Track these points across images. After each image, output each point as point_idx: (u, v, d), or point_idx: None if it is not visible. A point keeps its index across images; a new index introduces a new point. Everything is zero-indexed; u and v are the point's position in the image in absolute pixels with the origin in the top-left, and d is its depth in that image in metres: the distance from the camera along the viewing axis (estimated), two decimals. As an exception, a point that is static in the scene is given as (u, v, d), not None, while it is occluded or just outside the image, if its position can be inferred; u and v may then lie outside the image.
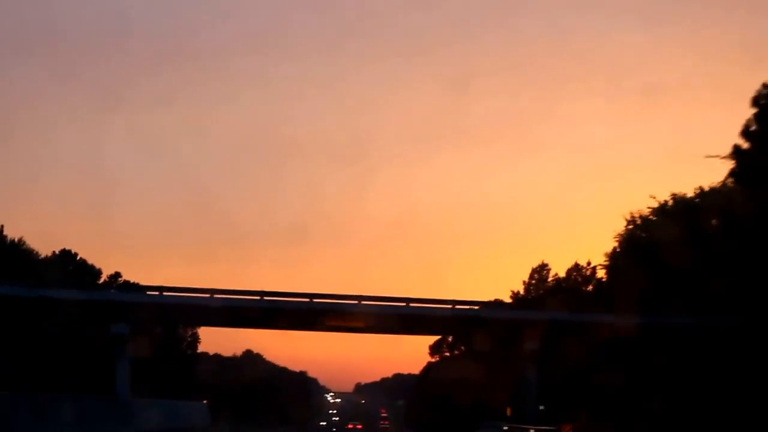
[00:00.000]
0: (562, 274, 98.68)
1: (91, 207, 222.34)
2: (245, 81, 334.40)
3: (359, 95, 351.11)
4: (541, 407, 61.23)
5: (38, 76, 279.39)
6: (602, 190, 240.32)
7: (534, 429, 40.97)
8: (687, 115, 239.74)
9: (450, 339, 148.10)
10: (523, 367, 66.18)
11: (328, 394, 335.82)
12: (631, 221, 72.53)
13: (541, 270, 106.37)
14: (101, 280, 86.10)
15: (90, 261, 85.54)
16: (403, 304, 64.90)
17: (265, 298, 63.52)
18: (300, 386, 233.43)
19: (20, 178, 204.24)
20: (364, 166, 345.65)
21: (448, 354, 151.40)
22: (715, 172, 68.10)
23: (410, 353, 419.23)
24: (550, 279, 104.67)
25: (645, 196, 74.52)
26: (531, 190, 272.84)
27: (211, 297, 63.12)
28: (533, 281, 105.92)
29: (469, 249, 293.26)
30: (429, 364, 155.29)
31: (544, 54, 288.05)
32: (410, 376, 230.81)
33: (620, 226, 72.33)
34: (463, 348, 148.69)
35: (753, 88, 49.98)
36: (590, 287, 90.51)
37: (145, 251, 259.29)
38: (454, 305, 64.98)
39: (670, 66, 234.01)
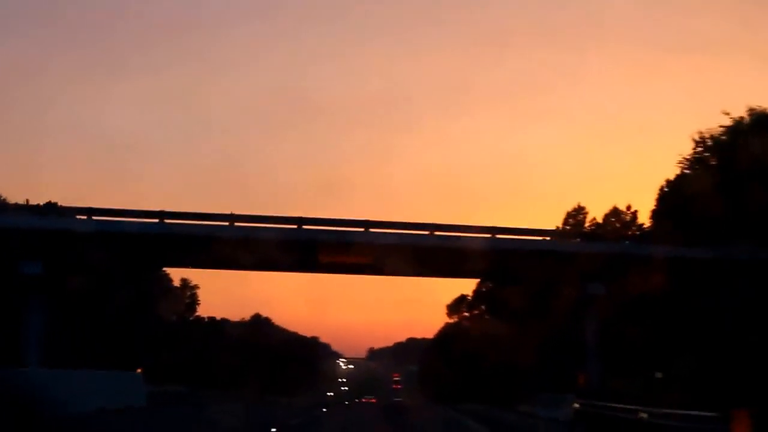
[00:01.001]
0: (600, 220, 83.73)
1: (104, 171, 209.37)
2: (269, 42, 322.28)
3: (385, 56, 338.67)
4: (659, 374, 42.80)
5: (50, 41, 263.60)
6: (632, 149, 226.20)
7: (647, 412, 22.92)
8: (714, 72, 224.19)
9: (470, 296, 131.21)
10: (584, 318, 47.81)
11: (340, 359, 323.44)
12: (700, 142, 57.37)
13: (577, 214, 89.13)
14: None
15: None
16: (427, 232, 45.86)
17: (236, 224, 44.77)
18: (311, 352, 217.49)
19: (32, 145, 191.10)
20: (391, 126, 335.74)
21: (467, 314, 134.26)
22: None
23: (424, 318, 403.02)
24: (587, 224, 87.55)
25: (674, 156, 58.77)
26: (558, 150, 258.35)
27: (161, 222, 44.42)
28: (567, 227, 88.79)
29: (497, 207, 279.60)
30: (447, 325, 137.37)
31: (573, 14, 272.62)
32: (424, 340, 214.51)
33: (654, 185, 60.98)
34: (483, 307, 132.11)
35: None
36: (630, 233, 75.86)
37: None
38: (494, 234, 45.98)
39: (699, 24, 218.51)
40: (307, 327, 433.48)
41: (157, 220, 44.47)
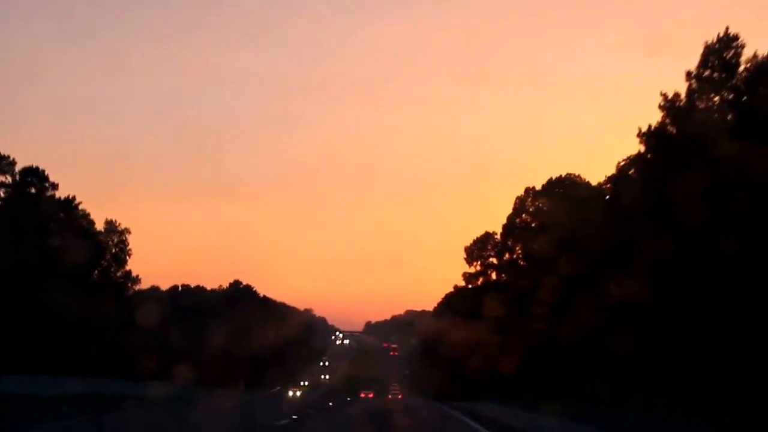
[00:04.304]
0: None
1: (94, 147, 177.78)
2: (262, 22, 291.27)
3: (378, 36, 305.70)
4: None
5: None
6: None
7: None
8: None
9: (499, 235, 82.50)
10: None
11: (337, 333, 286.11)
12: None
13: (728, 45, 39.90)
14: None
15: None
16: None
17: None
18: (301, 327, 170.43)
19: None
20: (382, 107, 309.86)
21: (495, 260, 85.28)
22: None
23: (422, 289, 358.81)
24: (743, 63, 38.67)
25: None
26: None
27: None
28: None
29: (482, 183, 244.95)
30: (465, 274, 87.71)
31: None
32: (423, 312, 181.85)
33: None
34: (519, 249, 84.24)
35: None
36: None
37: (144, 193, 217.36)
38: None
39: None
40: (301, 298, 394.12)
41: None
